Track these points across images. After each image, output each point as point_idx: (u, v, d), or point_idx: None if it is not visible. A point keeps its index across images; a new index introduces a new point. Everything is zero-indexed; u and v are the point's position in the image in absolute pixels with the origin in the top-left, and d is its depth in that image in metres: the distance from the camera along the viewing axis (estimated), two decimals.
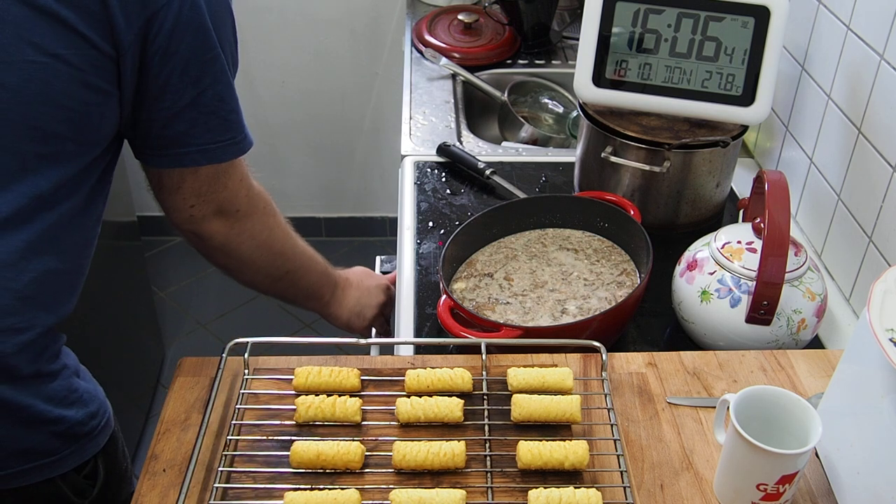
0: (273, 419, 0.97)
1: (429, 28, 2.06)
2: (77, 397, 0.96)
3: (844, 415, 0.89)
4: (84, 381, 0.99)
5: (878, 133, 1.18)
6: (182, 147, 0.95)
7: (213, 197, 1.01)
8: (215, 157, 0.98)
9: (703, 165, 1.35)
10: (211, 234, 1.05)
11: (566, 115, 1.92)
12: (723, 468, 0.90)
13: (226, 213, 1.04)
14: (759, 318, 1.08)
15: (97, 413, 0.99)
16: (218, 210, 1.03)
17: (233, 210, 1.04)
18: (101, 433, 1.00)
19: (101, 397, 1.02)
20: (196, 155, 0.96)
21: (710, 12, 1.31)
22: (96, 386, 1.02)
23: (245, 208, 1.06)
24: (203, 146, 0.96)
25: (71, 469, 0.96)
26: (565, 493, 0.85)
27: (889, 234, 1.15)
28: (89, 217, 0.95)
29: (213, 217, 1.03)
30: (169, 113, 0.92)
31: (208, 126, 0.95)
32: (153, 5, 0.85)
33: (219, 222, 1.04)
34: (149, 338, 2.47)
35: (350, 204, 3.07)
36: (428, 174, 1.58)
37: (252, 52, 2.71)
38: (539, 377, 0.98)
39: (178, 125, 0.93)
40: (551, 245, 1.29)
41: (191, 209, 1.01)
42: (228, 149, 0.98)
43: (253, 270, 1.14)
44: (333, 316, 1.32)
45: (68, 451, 0.95)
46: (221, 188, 1.01)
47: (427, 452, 0.89)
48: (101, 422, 0.99)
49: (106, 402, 1.02)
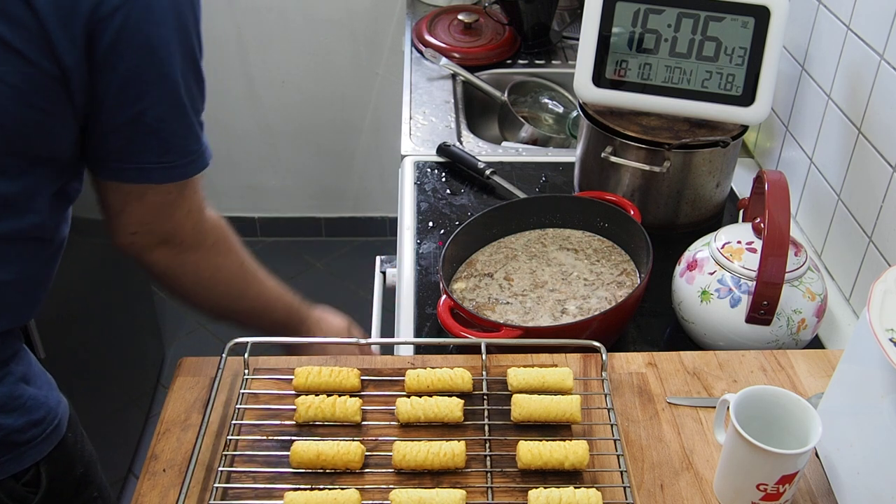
0: (273, 419, 0.97)
1: (429, 28, 2.06)
2: (19, 404, 0.95)
3: (844, 415, 0.89)
4: (34, 387, 0.98)
5: (878, 133, 1.18)
6: (119, 162, 0.91)
7: (157, 228, 0.97)
8: (152, 178, 0.92)
9: (703, 165, 1.35)
10: (152, 263, 1.00)
11: (566, 115, 1.92)
12: (723, 468, 0.90)
13: (169, 243, 0.99)
14: (759, 318, 1.08)
15: (41, 421, 0.97)
16: (161, 240, 0.98)
17: (176, 242, 0.99)
18: (44, 441, 0.98)
19: (52, 405, 1.00)
20: (133, 172, 0.92)
21: (710, 12, 1.31)
22: (50, 393, 1.00)
23: (190, 241, 1.00)
24: (141, 165, 0.91)
25: (9, 476, 0.95)
26: (565, 493, 0.85)
27: (889, 234, 1.15)
28: (45, 231, 0.93)
29: (155, 246, 0.99)
30: (104, 128, 0.89)
31: (146, 146, 0.90)
32: (93, 19, 0.81)
33: (161, 252, 0.99)
34: (149, 338, 2.47)
35: (350, 204, 3.07)
36: (428, 174, 1.58)
37: (252, 52, 2.72)
38: (539, 377, 0.98)
39: (114, 141, 0.90)
40: (551, 245, 1.29)
41: (132, 236, 0.97)
42: (167, 171, 0.93)
43: (196, 303, 1.09)
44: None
45: (5, 457, 0.94)
46: (166, 219, 0.97)
47: (427, 452, 0.89)
48: (45, 430, 0.98)
49: (57, 410, 1.00)
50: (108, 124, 0.88)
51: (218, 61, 2.72)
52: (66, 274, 1.79)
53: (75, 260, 1.84)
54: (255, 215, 3.07)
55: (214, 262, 1.05)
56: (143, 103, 0.87)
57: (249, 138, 2.89)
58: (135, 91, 0.86)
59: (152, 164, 0.91)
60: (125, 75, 0.85)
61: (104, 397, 2.08)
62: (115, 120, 0.88)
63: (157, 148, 0.91)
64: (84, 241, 1.85)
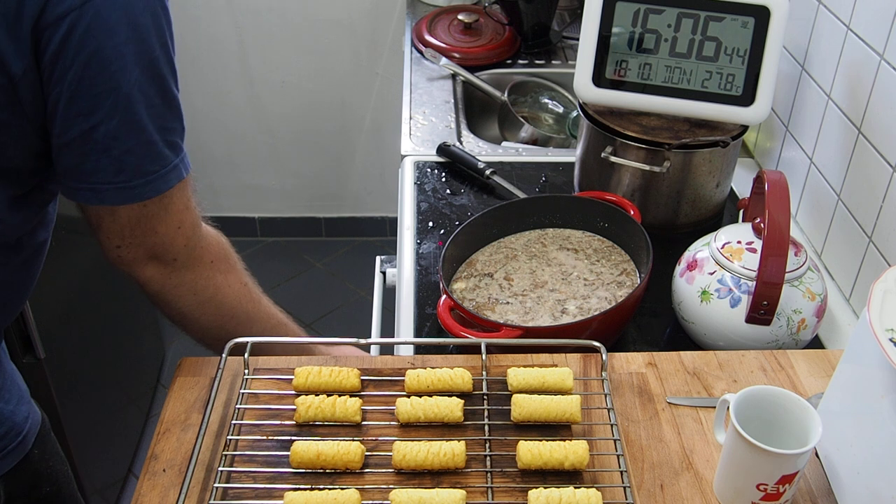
0: (273, 419, 0.97)
1: (429, 28, 2.06)
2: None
3: (844, 415, 0.89)
4: (2, 402, 0.96)
5: (878, 133, 1.18)
6: (75, 181, 0.87)
7: (142, 241, 0.92)
8: (105, 199, 0.87)
9: (703, 165, 1.35)
10: (146, 280, 0.96)
11: (566, 115, 1.92)
12: (723, 468, 0.90)
13: (161, 259, 0.94)
14: (759, 318, 1.08)
15: (3, 437, 0.96)
16: (151, 255, 0.94)
17: (169, 258, 0.95)
18: (6, 457, 0.97)
19: (18, 420, 0.98)
20: (87, 193, 0.87)
21: (710, 12, 1.31)
22: (18, 408, 0.99)
23: (184, 259, 0.96)
24: (94, 185, 0.86)
25: None
26: (565, 493, 0.85)
27: (889, 234, 1.15)
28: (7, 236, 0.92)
29: (146, 261, 0.94)
30: (59, 142, 0.84)
31: (99, 165, 0.85)
32: (39, 26, 0.77)
33: (153, 268, 0.95)
34: (149, 338, 2.47)
35: (350, 204, 3.07)
36: (428, 174, 1.58)
37: (252, 52, 2.72)
38: (539, 377, 0.98)
39: (68, 157, 0.85)
40: (551, 245, 1.29)
41: (118, 249, 0.92)
42: (121, 192, 0.87)
43: (196, 328, 1.03)
44: None
45: None
46: (150, 232, 0.91)
47: (427, 452, 0.89)
48: (6, 445, 0.97)
49: (23, 425, 0.99)
50: (60, 140, 0.84)
51: (218, 62, 2.73)
52: (65, 274, 1.80)
53: (75, 260, 1.84)
54: (255, 215, 3.07)
55: (214, 282, 1.00)
56: (93, 118, 0.83)
57: (249, 138, 2.89)
58: (84, 104, 0.82)
59: (105, 185, 0.86)
60: (73, 87, 0.80)
61: (104, 397, 2.08)
62: (66, 135, 0.84)
63: (109, 167, 0.85)
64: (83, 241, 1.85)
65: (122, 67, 0.81)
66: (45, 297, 1.63)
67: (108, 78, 0.81)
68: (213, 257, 1.00)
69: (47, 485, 1.05)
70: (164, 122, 0.87)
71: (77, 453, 1.82)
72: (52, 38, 0.78)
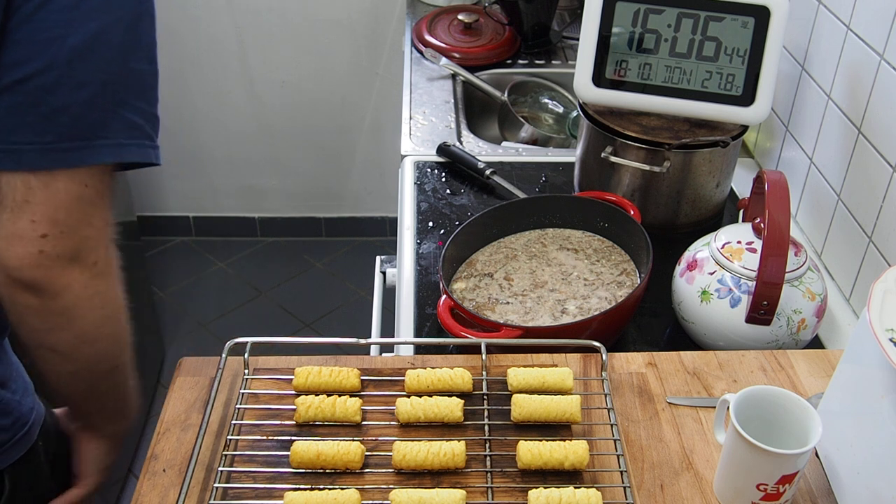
0: (273, 419, 0.97)
1: (429, 28, 2.06)
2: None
3: (844, 415, 0.89)
4: (8, 392, 0.96)
5: (878, 133, 1.18)
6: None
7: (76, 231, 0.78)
8: (24, 161, 0.74)
9: (703, 165, 1.35)
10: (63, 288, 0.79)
11: (566, 115, 1.92)
12: (723, 468, 0.90)
13: (83, 262, 0.80)
14: (759, 318, 1.08)
15: (9, 427, 0.96)
16: (75, 255, 0.79)
17: (91, 262, 0.80)
18: (12, 448, 0.96)
19: (24, 411, 0.97)
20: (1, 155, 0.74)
21: (710, 12, 1.31)
22: (24, 398, 0.98)
23: (103, 265, 0.82)
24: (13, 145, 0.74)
25: None
26: (565, 493, 0.85)
27: (889, 234, 1.15)
28: None
29: (68, 263, 0.78)
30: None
31: (24, 120, 0.73)
32: None
33: (75, 273, 0.79)
34: (149, 338, 2.47)
35: (350, 204, 3.07)
36: (428, 174, 1.58)
37: (252, 52, 2.72)
38: (539, 377, 0.98)
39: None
40: (551, 245, 1.29)
41: (42, 241, 0.76)
42: (45, 155, 0.74)
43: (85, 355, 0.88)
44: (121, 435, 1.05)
45: None
46: (86, 223, 0.78)
47: (427, 452, 0.89)
48: (13, 436, 0.96)
49: (29, 416, 0.98)
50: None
51: (218, 62, 2.73)
52: None
53: None
54: (255, 215, 3.07)
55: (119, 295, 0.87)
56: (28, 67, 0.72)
57: (249, 138, 2.89)
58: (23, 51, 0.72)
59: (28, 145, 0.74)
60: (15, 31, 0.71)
61: None
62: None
63: (36, 125, 0.74)
64: None
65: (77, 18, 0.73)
66: None
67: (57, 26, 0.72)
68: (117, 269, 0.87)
69: (51, 479, 1.05)
70: (120, 95, 0.77)
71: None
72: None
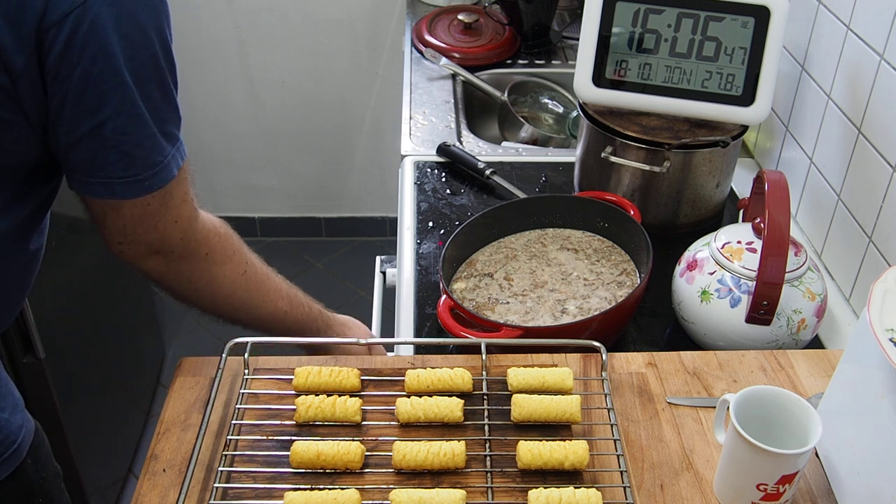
0: (273, 419, 0.97)
1: (429, 28, 2.06)
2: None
3: (844, 415, 0.89)
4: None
5: (878, 133, 1.18)
6: (86, 175, 0.89)
7: (142, 238, 0.94)
8: (116, 193, 0.89)
9: (703, 165, 1.35)
10: (147, 271, 0.99)
11: (566, 115, 1.92)
12: (723, 468, 0.90)
13: (161, 252, 0.97)
14: (759, 318, 1.08)
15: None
16: (151, 250, 0.96)
17: (167, 251, 0.97)
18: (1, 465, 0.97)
19: (13, 429, 0.99)
20: (98, 187, 0.89)
21: (710, 12, 1.31)
22: (13, 416, 1.00)
23: (180, 251, 0.98)
24: (104, 180, 0.89)
25: None
26: (565, 493, 0.85)
27: (889, 234, 1.15)
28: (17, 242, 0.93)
29: (146, 256, 0.97)
30: (68, 140, 0.86)
31: (108, 160, 0.87)
32: (43, 26, 0.78)
33: (153, 260, 0.98)
34: (149, 338, 2.47)
35: (350, 204, 3.07)
36: (428, 174, 1.58)
37: (252, 52, 2.72)
38: (539, 377, 0.98)
39: (78, 154, 0.87)
40: (551, 245, 1.29)
41: (119, 246, 0.95)
42: (131, 186, 0.89)
43: (201, 309, 1.09)
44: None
45: None
46: (150, 230, 0.94)
47: (427, 452, 0.89)
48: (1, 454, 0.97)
49: (18, 433, 1.00)
50: (69, 137, 0.86)
51: (218, 62, 2.73)
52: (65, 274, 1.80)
53: (75, 260, 1.84)
54: (255, 215, 3.07)
55: (210, 273, 1.02)
56: (101, 115, 0.84)
57: (249, 138, 2.89)
58: (92, 101, 0.83)
59: (116, 179, 0.89)
60: (80, 85, 0.82)
61: (104, 397, 2.08)
62: (75, 132, 0.85)
63: (118, 162, 0.88)
64: (83, 241, 1.85)
65: (128, 61, 0.83)
66: (45, 297, 1.63)
67: (113, 74, 0.83)
68: (208, 249, 1.01)
69: (40, 496, 1.05)
70: (161, 114, 0.89)
71: (77, 453, 1.82)
72: (58, 36, 0.78)
